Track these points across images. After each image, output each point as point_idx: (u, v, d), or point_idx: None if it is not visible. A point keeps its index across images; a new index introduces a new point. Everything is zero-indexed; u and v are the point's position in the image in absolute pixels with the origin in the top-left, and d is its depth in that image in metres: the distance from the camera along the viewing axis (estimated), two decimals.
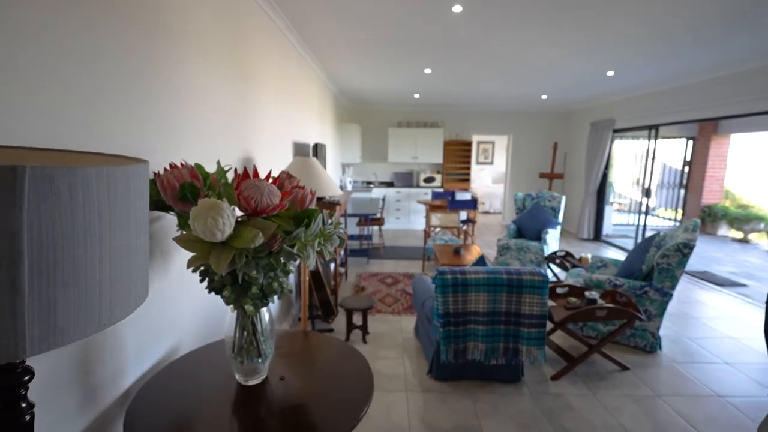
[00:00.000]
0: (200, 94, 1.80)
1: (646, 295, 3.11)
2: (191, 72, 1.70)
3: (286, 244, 1.16)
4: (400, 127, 8.07)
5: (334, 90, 6.25)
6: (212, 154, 1.94)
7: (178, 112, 1.59)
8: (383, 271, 5.16)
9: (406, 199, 8.05)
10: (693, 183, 8.91)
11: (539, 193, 5.49)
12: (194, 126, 1.74)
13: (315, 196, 1.25)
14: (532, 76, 5.12)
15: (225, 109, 2.10)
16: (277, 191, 1.10)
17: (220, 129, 2.03)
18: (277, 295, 1.19)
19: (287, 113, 3.45)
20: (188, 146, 1.69)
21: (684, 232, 3.09)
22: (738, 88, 4.51)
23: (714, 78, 4.78)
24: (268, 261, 1.14)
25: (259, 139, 2.67)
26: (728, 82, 4.61)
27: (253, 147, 2.57)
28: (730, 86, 4.59)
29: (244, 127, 2.41)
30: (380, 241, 6.38)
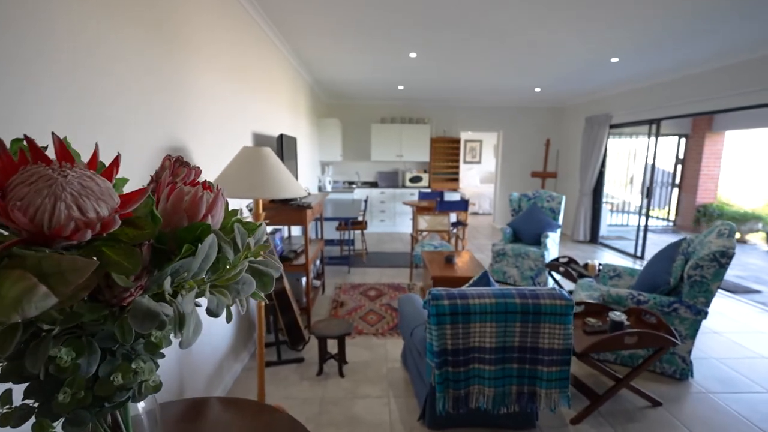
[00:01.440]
0: (81, 45, 1.20)
1: (675, 313, 2.62)
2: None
3: (150, 292, 0.59)
4: (383, 123, 7.51)
5: (309, 80, 5.66)
6: (109, 135, 1.34)
7: (30, 61, 0.99)
8: (366, 282, 4.58)
9: (390, 200, 7.50)
10: (687, 182, 8.62)
11: (536, 192, 5.00)
12: (68, 90, 1.14)
13: (219, 200, 0.66)
14: (529, 63, 4.63)
15: (133, 77, 1.50)
16: (110, 190, 0.52)
17: (122, 102, 1.43)
18: (132, 397, 0.60)
19: (245, 99, 2.84)
20: (58, 118, 1.09)
21: (718, 237, 2.61)
22: (746, 77, 4.10)
23: (720, 67, 4.37)
24: (107, 328, 0.56)
25: (196, 126, 2.07)
26: (736, 71, 4.21)
27: (187, 134, 1.97)
28: (738, 76, 4.18)
29: (170, 108, 1.80)
30: (363, 247, 5.81)
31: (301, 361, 2.80)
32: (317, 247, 3.80)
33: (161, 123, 1.73)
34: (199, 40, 2.09)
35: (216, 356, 2.33)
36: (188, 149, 1.97)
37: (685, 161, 8.65)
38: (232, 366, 2.57)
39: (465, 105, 7.78)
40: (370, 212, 7.48)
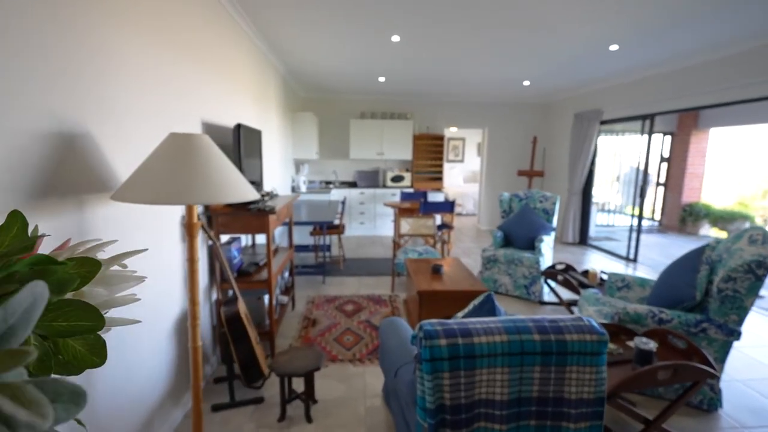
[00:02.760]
0: None
1: (703, 334, 2.24)
2: None
3: None
4: (363, 119, 7.02)
5: (282, 71, 5.11)
6: None
7: None
8: (343, 294, 4.08)
9: (371, 201, 7.02)
10: (672, 180, 8.48)
11: (528, 192, 4.62)
12: None
13: None
14: (522, 48, 4.23)
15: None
16: None
17: None
18: None
19: (195, 81, 2.31)
20: None
21: (750, 244, 2.24)
22: (746, 69, 3.82)
23: (721, 58, 4.08)
24: None
25: (110, 104, 1.54)
26: (735, 62, 3.92)
27: (91, 115, 1.43)
28: (738, 67, 3.89)
29: (62, 72, 1.27)
30: (340, 253, 5.30)
31: (260, 401, 2.28)
32: (285, 256, 3.28)
33: (41, 93, 1.19)
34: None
35: (144, 405, 1.80)
36: (91, 135, 1.44)
37: (671, 160, 8.50)
38: (170, 413, 2.04)
39: (449, 100, 7.38)
40: (348, 214, 6.98)
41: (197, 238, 1.53)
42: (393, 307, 3.77)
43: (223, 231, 2.58)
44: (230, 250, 2.62)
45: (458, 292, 2.92)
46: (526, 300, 4.01)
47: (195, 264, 1.53)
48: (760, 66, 3.74)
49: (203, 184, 1.35)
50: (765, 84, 3.72)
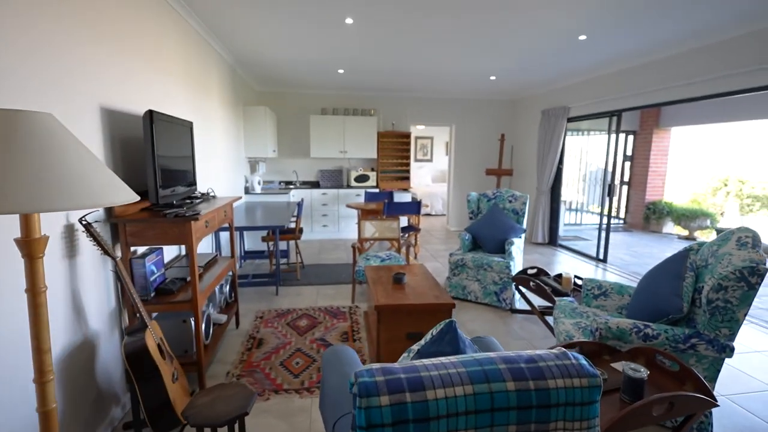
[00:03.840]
0: None
1: (692, 350, 1.99)
2: None
3: None
4: (324, 115, 6.58)
5: (229, 60, 4.61)
6: None
7: None
8: (297, 307, 3.65)
9: (334, 202, 6.59)
10: (636, 179, 8.55)
11: (497, 192, 4.35)
12: None
13: None
14: (488, 41, 3.95)
15: None
16: None
17: None
18: None
19: (94, 56, 1.83)
20: None
21: (740, 248, 2.01)
22: (711, 63, 3.70)
23: (687, 51, 3.96)
24: None
25: None
26: (703, 55, 3.80)
27: None
28: (703, 61, 3.78)
29: None
30: (298, 260, 4.86)
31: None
32: (224, 268, 2.83)
33: None
34: None
35: None
36: None
37: (634, 158, 8.57)
38: None
39: (415, 96, 7.06)
40: (310, 216, 6.52)
41: (41, 261, 1.08)
42: (352, 320, 3.38)
43: (133, 242, 2.11)
44: (144, 265, 2.15)
45: (421, 305, 2.57)
46: (496, 308, 3.72)
47: (39, 297, 1.08)
48: (724, 60, 3.62)
49: (29, 184, 0.92)
50: (729, 78, 3.61)
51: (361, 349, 2.88)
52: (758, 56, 3.37)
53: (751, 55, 3.43)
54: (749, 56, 3.45)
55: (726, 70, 3.64)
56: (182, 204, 2.47)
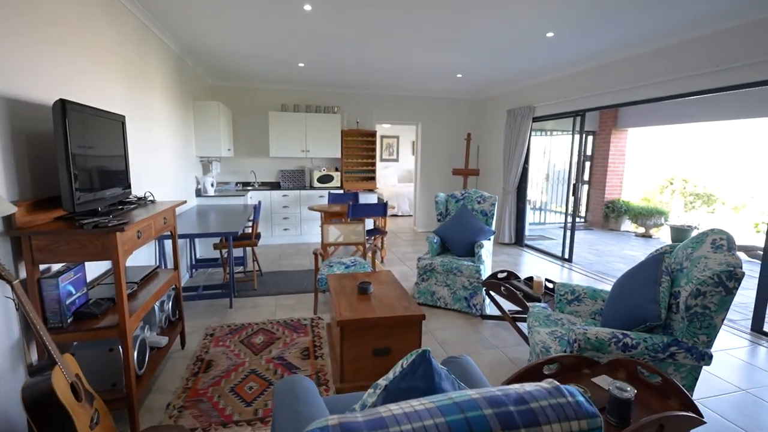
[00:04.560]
0: None
1: (671, 359, 1.90)
2: None
3: None
4: (285, 112, 6.23)
5: (176, 49, 4.19)
6: None
7: None
8: (253, 320, 3.34)
9: (295, 203, 6.26)
10: (595, 178, 8.79)
11: (465, 193, 4.22)
12: None
13: None
14: (455, 34, 3.80)
15: None
16: None
17: None
18: None
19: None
20: None
21: (715, 251, 1.94)
22: (674, 64, 3.76)
23: (651, 51, 4.00)
24: None
25: None
26: (667, 56, 3.85)
27: None
28: (666, 62, 3.83)
29: None
30: (255, 268, 4.51)
31: None
32: (165, 282, 2.48)
33: None
34: None
35: None
36: None
37: (593, 158, 8.81)
38: None
39: (380, 93, 6.86)
40: (269, 219, 6.15)
41: None
42: (314, 334, 3.12)
43: (43, 259, 1.75)
44: (58, 286, 1.79)
45: (389, 318, 2.35)
46: (466, 314, 3.58)
47: None
48: (683, 62, 3.67)
49: None
50: (688, 79, 3.66)
51: (323, 368, 2.62)
52: (714, 58, 3.43)
53: (707, 58, 3.49)
54: (705, 58, 3.50)
55: (684, 72, 3.69)
56: (110, 211, 2.11)
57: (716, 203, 8.53)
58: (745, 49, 3.20)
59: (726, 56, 3.34)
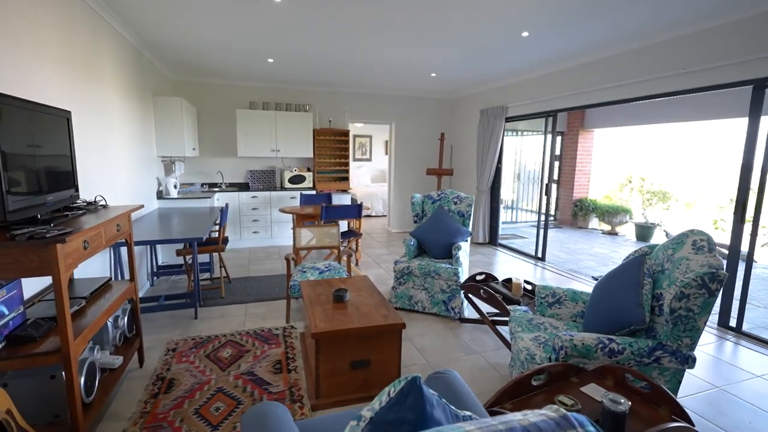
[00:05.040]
0: None
1: (656, 363, 1.87)
2: None
3: None
4: (254, 110, 5.96)
5: (133, 40, 3.88)
6: None
7: None
8: (220, 332, 3.12)
9: (266, 205, 6.01)
10: (564, 177, 8.99)
11: (441, 193, 4.15)
12: None
13: None
14: (428, 31, 3.71)
15: None
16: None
17: None
18: None
19: None
20: None
21: (696, 252, 1.93)
22: (644, 65, 3.84)
23: (621, 53, 4.07)
24: None
25: None
26: (633, 57, 3.93)
27: None
28: (635, 63, 3.91)
29: None
30: (222, 275, 4.27)
31: None
32: (119, 296, 2.25)
33: None
34: None
35: None
36: None
37: (562, 158, 9.01)
38: None
39: (353, 91, 6.70)
40: (238, 222, 5.87)
41: None
42: (287, 345, 2.94)
43: None
44: None
45: (368, 329, 2.22)
46: (445, 317, 3.50)
47: None
48: (652, 64, 3.75)
49: None
50: (657, 81, 3.74)
51: (297, 382, 2.46)
52: (683, 61, 3.50)
53: (676, 60, 3.56)
54: (674, 61, 3.58)
55: (652, 74, 3.76)
56: (51, 219, 1.87)
57: (671, 200, 8.91)
58: (712, 53, 3.29)
59: (692, 59, 3.43)
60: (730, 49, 3.16)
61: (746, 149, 3.17)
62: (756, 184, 3.12)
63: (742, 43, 3.09)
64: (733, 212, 3.31)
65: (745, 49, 3.07)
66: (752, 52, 3.02)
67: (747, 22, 3.06)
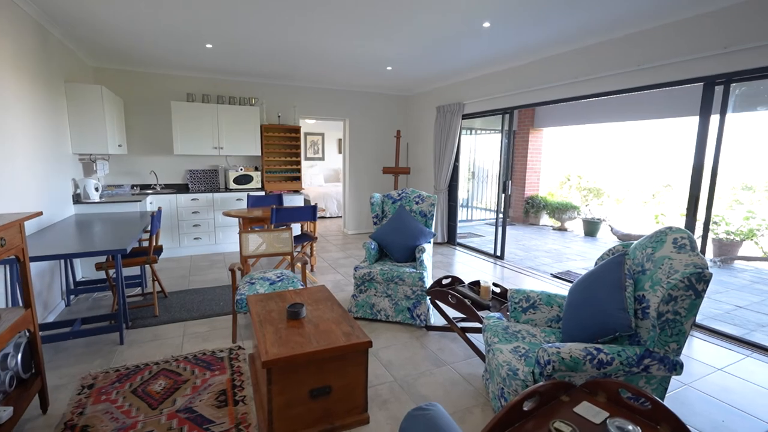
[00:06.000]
0: None
1: (645, 372, 1.74)
2: None
3: None
4: (192, 102, 5.37)
5: (33, 13, 3.24)
6: None
7: None
8: (151, 359, 2.64)
9: (208, 208, 5.44)
10: (516, 175, 9.17)
11: (402, 192, 3.91)
12: None
13: None
14: (383, 18, 3.45)
15: None
16: None
17: None
18: None
19: None
20: None
21: (679, 250, 1.84)
22: (599, 62, 3.87)
23: (576, 50, 4.08)
24: None
25: None
26: (588, 54, 3.95)
27: None
28: (590, 60, 3.93)
29: None
30: (156, 289, 3.73)
31: None
32: (5, 330, 1.75)
33: None
34: None
35: None
36: None
37: (514, 156, 9.18)
38: None
39: (304, 85, 6.29)
40: (176, 228, 5.26)
41: None
42: (234, 370, 2.54)
43: None
44: None
45: (329, 351, 1.91)
46: (410, 326, 3.26)
47: None
48: (606, 61, 3.77)
49: None
50: (611, 78, 3.77)
51: (245, 417, 2.09)
52: (637, 58, 3.53)
53: (631, 57, 3.59)
54: (629, 58, 3.61)
55: (608, 71, 3.78)
56: None
57: (604, 196, 9.41)
58: (665, 50, 3.33)
59: (646, 56, 3.46)
60: (682, 47, 3.21)
61: (698, 146, 3.24)
62: (707, 180, 3.19)
63: (693, 41, 3.14)
64: (686, 207, 3.38)
65: (696, 47, 3.12)
66: (703, 50, 3.07)
67: (697, 20, 3.11)
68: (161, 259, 5.11)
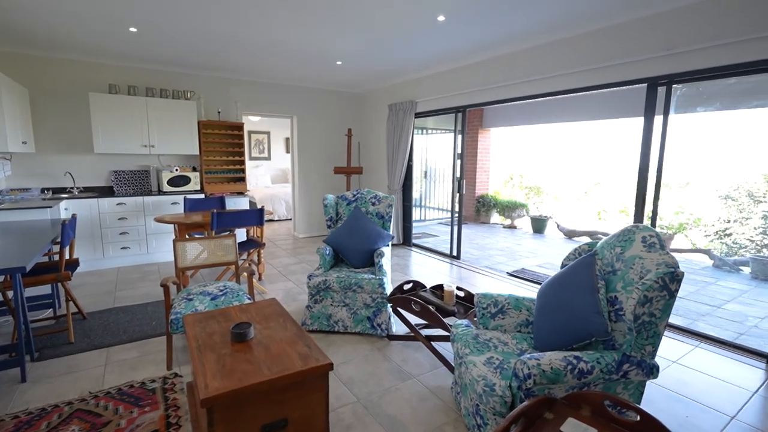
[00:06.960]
0: None
1: (624, 378, 1.66)
2: None
3: None
4: (114, 94, 4.74)
5: None
6: None
7: None
8: (63, 398, 2.18)
9: (137, 214, 4.84)
10: (467, 175, 9.29)
11: (357, 193, 3.68)
12: None
13: None
14: (330, 6, 3.20)
15: None
16: None
17: None
18: None
19: None
20: None
21: (648, 249, 1.79)
22: (548, 62, 3.92)
23: (536, 46, 4.09)
24: None
25: None
26: (538, 53, 3.99)
27: None
28: (541, 59, 3.97)
29: None
30: (71, 311, 3.19)
31: None
32: None
33: None
34: None
35: None
36: None
37: (464, 156, 9.28)
38: None
39: (247, 79, 5.84)
40: (99, 237, 4.62)
41: None
42: (168, 404, 2.17)
43: None
44: None
45: (282, 378, 1.64)
46: (371, 336, 3.04)
47: None
48: (556, 61, 3.82)
49: None
50: (560, 77, 3.82)
51: None
52: (587, 58, 3.60)
53: (580, 57, 3.65)
54: (577, 58, 3.66)
55: (557, 71, 3.83)
56: None
57: (543, 194, 9.87)
58: (610, 51, 3.40)
59: (593, 57, 3.53)
60: (628, 48, 3.29)
61: (643, 146, 3.34)
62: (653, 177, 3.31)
63: (638, 43, 3.23)
64: (635, 204, 3.49)
65: (641, 49, 3.21)
66: (647, 52, 3.17)
67: (641, 23, 3.20)
68: (81, 273, 4.45)
